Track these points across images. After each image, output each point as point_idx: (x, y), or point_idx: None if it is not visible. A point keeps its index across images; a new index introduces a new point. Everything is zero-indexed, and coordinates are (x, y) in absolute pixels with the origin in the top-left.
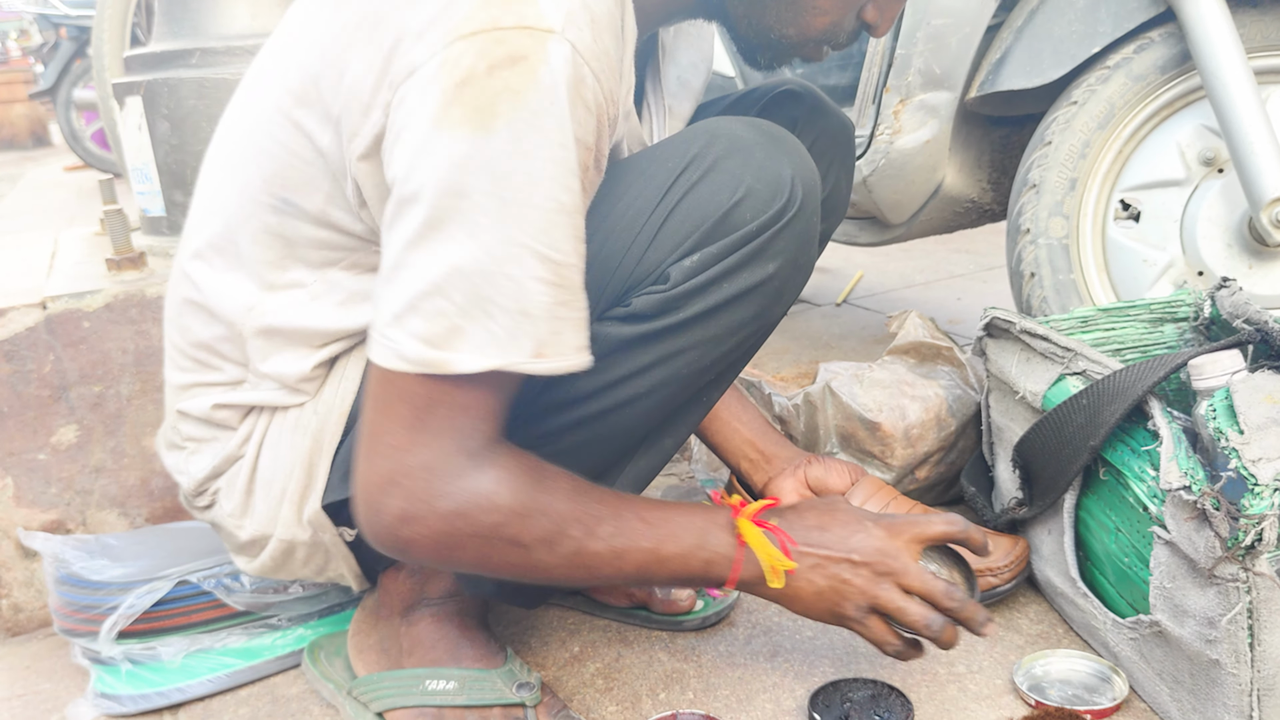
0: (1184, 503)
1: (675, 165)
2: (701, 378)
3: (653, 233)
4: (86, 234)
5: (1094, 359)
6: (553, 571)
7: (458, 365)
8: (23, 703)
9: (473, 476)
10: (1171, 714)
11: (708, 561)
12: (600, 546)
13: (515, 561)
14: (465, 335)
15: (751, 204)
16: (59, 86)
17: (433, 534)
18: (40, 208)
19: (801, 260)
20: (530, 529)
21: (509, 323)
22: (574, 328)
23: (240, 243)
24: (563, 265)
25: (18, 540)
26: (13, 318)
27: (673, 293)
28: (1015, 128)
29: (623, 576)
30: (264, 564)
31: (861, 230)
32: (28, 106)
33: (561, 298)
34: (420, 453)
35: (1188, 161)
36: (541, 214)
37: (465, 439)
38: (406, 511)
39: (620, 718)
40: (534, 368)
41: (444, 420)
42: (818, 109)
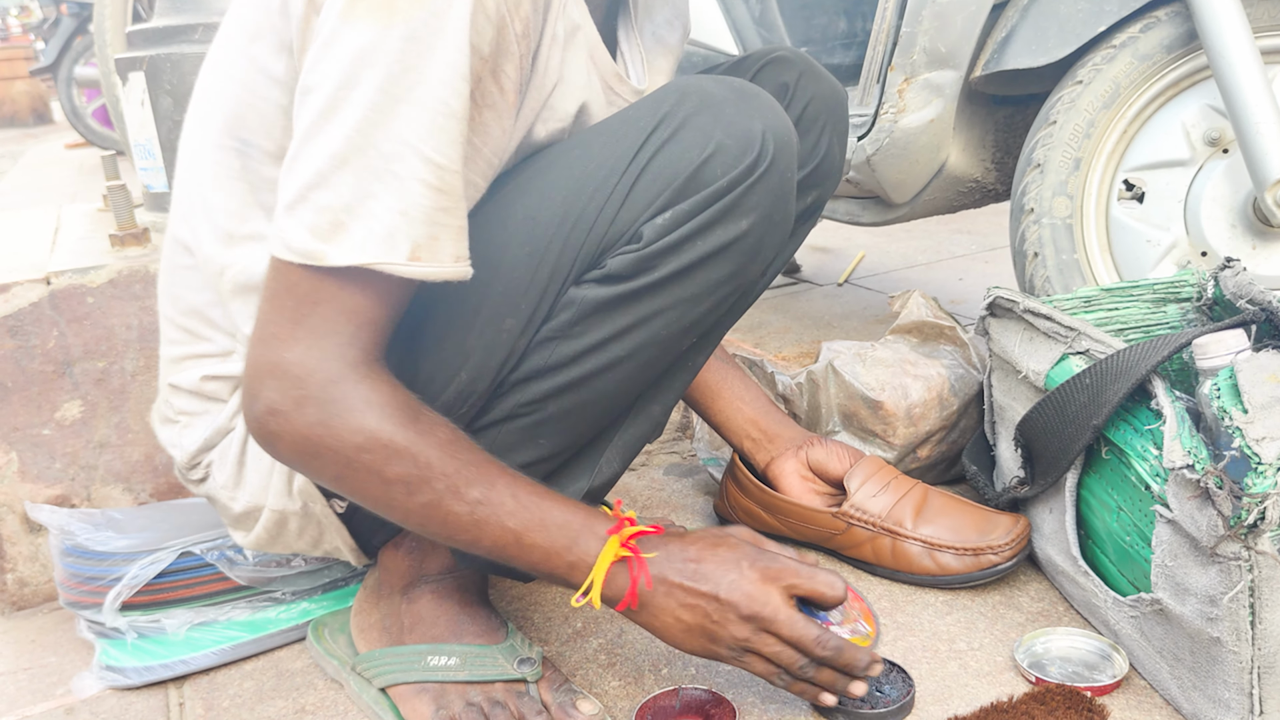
0: (1187, 481)
1: (646, 124)
2: (682, 340)
3: (625, 192)
4: (89, 210)
5: (1097, 338)
6: (408, 517)
7: (333, 258)
8: (28, 676)
9: (344, 388)
10: (1171, 691)
11: (572, 565)
12: (460, 509)
13: (372, 493)
14: (346, 230)
15: (722, 160)
16: (60, 63)
17: (296, 434)
18: (42, 185)
19: (777, 216)
20: (393, 464)
21: (389, 221)
22: (453, 236)
23: (206, 193)
24: (446, 170)
25: (23, 515)
26: (16, 293)
27: (646, 251)
28: (1019, 107)
29: (478, 548)
30: (259, 537)
31: (864, 210)
32: (29, 83)
33: (442, 203)
34: (297, 349)
35: (1192, 141)
36: (430, 115)
37: (344, 345)
38: (275, 405)
39: (623, 693)
40: (408, 270)
41: (325, 320)
42: (809, 74)
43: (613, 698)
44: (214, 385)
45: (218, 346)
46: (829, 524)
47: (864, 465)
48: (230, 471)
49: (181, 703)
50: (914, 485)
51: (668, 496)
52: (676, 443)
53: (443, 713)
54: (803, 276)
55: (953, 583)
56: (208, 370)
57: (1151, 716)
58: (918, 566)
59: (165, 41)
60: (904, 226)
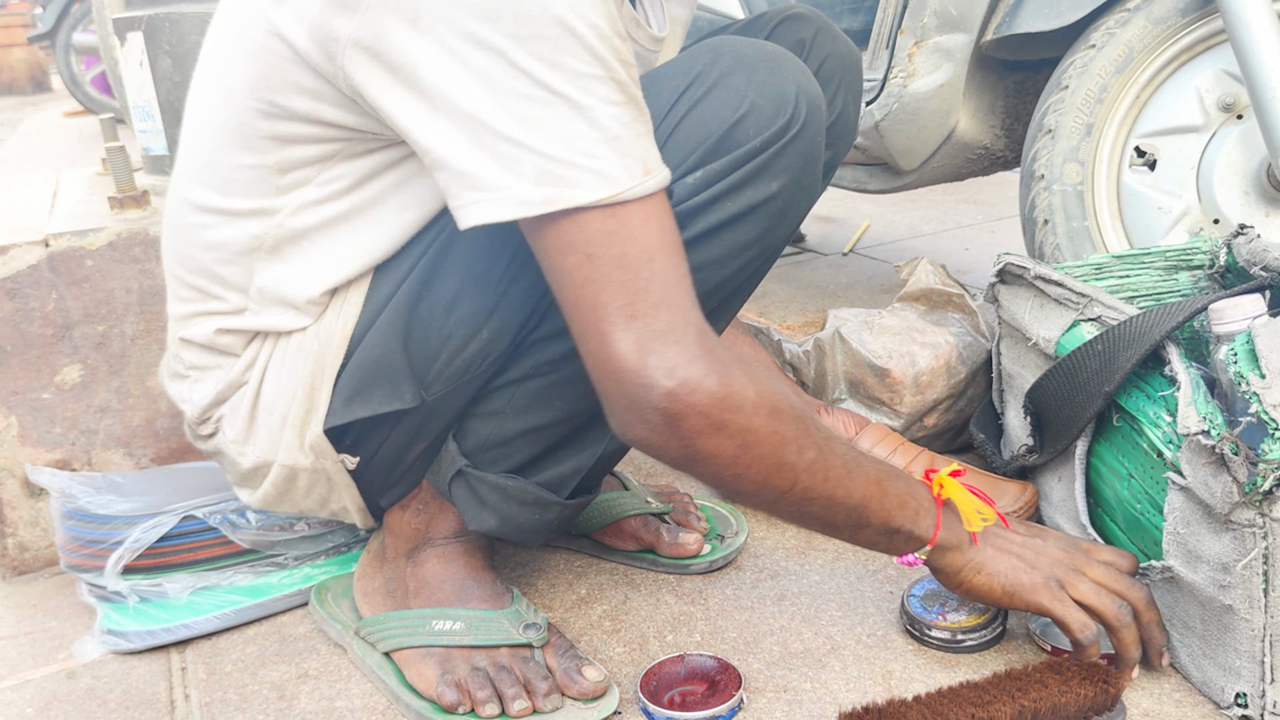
0: (1202, 447)
1: (679, 83)
2: (707, 303)
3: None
4: (88, 174)
5: (1109, 304)
6: (797, 479)
7: (578, 198)
8: (30, 640)
9: (713, 342)
10: (1181, 659)
11: (917, 512)
12: (836, 460)
13: (771, 457)
14: (573, 181)
15: (755, 120)
16: (58, 30)
17: (703, 406)
18: (40, 152)
19: (805, 180)
20: (785, 417)
21: (608, 151)
22: (654, 141)
23: (235, 155)
24: (624, 84)
25: (23, 479)
26: (15, 255)
27: (676, 210)
28: (1030, 73)
29: (844, 507)
30: (266, 493)
31: (872, 177)
32: (26, 51)
33: (635, 113)
34: (662, 315)
35: (1206, 107)
36: (586, 43)
37: (689, 290)
38: (676, 382)
39: (628, 659)
40: (649, 185)
41: (664, 271)
42: (824, 32)
43: (617, 664)
44: (228, 339)
45: (229, 305)
46: None
47: (869, 433)
48: (241, 426)
49: (184, 667)
50: (920, 453)
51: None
52: None
53: (448, 677)
54: (807, 246)
55: None
56: (222, 324)
57: (1160, 684)
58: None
59: (164, 0)
60: (909, 196)
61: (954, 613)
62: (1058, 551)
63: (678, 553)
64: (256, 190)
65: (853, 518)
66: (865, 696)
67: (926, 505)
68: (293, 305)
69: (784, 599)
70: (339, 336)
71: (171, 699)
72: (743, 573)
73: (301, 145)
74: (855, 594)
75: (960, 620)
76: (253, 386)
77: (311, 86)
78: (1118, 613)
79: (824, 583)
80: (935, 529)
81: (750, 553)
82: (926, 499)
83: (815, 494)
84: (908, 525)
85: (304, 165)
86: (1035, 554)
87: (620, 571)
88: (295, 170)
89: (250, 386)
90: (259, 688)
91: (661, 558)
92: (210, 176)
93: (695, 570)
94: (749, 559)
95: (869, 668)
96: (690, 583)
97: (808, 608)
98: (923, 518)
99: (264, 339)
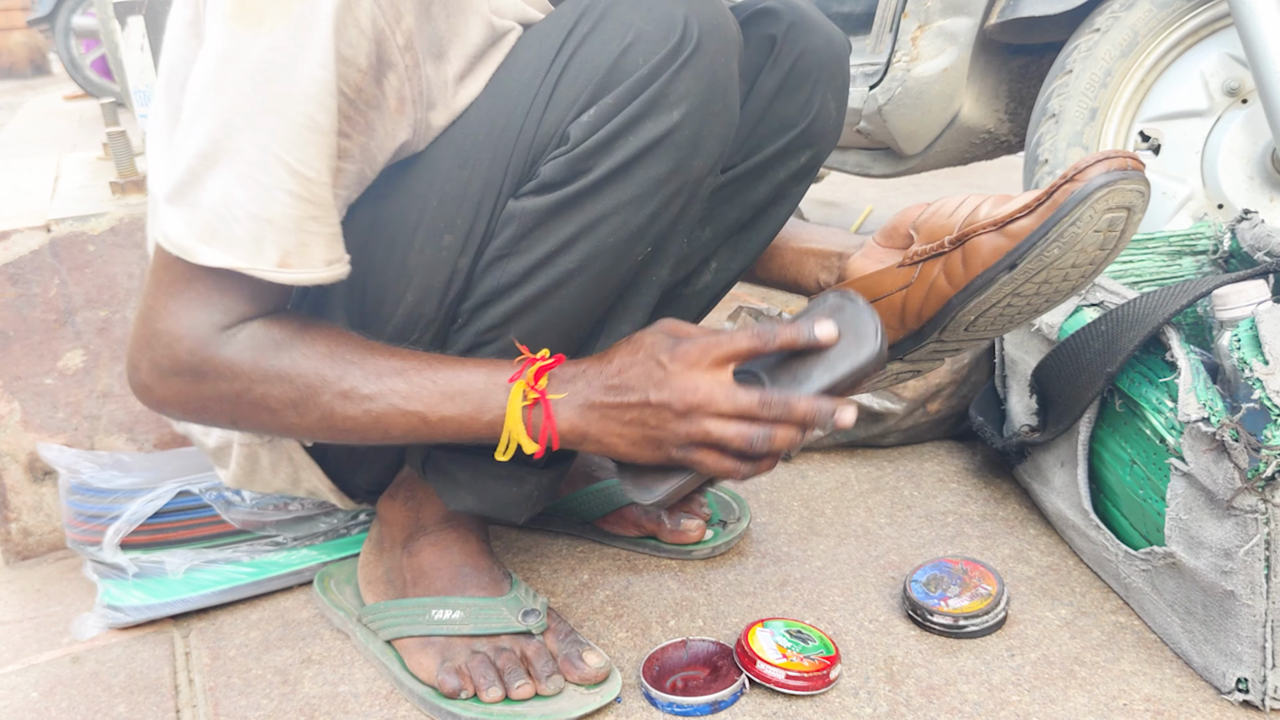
0: (1203, 434)
1: (567, 21)
2: (634, 247)
3: (548, 93)
4: (89, 158)
5: (1112, 289)
6: (313, 432)
7: (203, 258)
8: (33, 624)
9: (215, 348)
10: (1183, 645)
11: (491, 425)
12: (354, 411)
13: (269, 424)
14: (216, 232)
15: (642, 47)
16: (57, 13)
17: (178, 396)
18: (41, 136)
19: (714, 105)
20: (271, 394)
21: (254, 228)
22: (324, 242)
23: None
24: (312, 182)
25: (26, 465)
26: (17, 240)
27: (576, 152)
28: (1035, 56)
29: (393, 439)
30: (235, 474)
31: (875, 161)
32: (26, 34)
33: (310, 212)
34: (170, 320)
35: (1211, 92)
36: (294, 128)
37: (218, 316)
38: (153, 373)
39: (630, 644)
40: (277, 276)
41: (199, 295)
42: (799, 25)
43: (619, 649)
44: None
45: None
46: (896, 280)
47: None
48: None
49: (188, 652)
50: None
51: None
52: None
53: (448, 664)
54: None
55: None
56: None
57: (1162, 670)
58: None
59: None
60: (912, 181)
61: (956, 598)
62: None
63: (680, 539)
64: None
65: (411, 442)
66: (867, 682)
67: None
68: None
69: (786, 584)
70: None
71: (175, 683)
72: (745, 558)
73: None
74: (857, 579)
75: (962, 606)
76: None
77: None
78: (754, 445)
79: (826, 568)
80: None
81: (752, 538)
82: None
83: (343, 439)
84: (485, 436)
85: None
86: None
87: (622, 557)
88: None
89: None
90: (262, 672)
91: (664, 544)
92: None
93: (697, 556)
94: (751, 544)
95: (871, 653)
96: (693, 568)
97: (810, 593)
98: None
99: None
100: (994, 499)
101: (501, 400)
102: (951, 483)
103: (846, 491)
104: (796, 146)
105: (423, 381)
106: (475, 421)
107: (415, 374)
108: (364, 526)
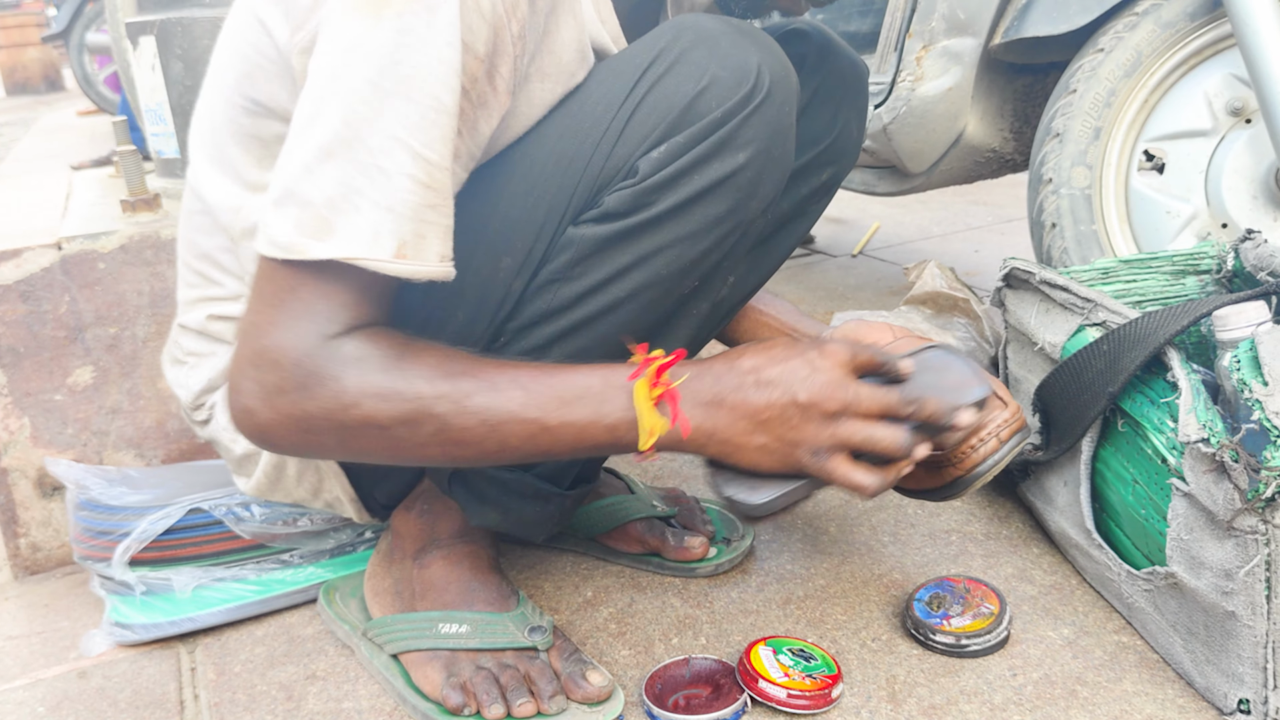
0: (1203, 455)
1: (642, 60)
2: (683, 281)
3: (620, 127)
4: (101, 175)
5: (1114, 310)
6: (425, 451)
7: (314, 251)
8: (41, 639)
9: (322, 360)
10: (1184, 665)
11: (612, 429)
12: (470, 421)
13: (379, 445)
14: (330, 225)
15: (716, 91)
16: (71, 30)
17: (284, 418)
18: (53, 152)
19: (775, 152)
20: (384, 409)
21: (374, 217)
22: (439, 234)
23: (223, 146)
24: (435, 166)
25: (35, 480)
26: (28, 258)
27: (642, 186)
28: (1039, 76)
29: (512, 452)
30: (259, 482)
31: (880, 179)
32: (40, 50)
33: (430, 199)
34: (276, 333)
35: (1215, 111)
36: (420, 110)
37: (323, 323)
38: (256, 394)
39: (633, 662)
40: (392, 268)
41: (302, 303)
42: (826, 48)
43: (622, 666)
44: (220, 325)
45: (228, 290)
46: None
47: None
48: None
49: (193, 668)
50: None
51: (677, 466)
52: None
53: (453, 680)
54: (817, 248)
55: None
56: (215, 310)
57: (1164, 691)
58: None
59: (176, 5)
60: (919, 197)
61: (959, 617)
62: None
63: (683, 556)
64: (240, 182)
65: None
66: (869, 701)
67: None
68: None
69: (789, 603)
70: None
71: (181, 699)
72: (748, 576)
73: (277, 145)
74: (860, 598)
75: (965, 625)
76: None
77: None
78: (895, 446)
79: (829, 586)
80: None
81: (756, 556)
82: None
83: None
84: (607, 444)
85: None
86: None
87: (626, 574)
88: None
89: None
90: (267, 688)
91: (667, 561)
92: (211, 166)
93: (701, 574)
94: (754, 562)
95: (873, 672)
96: (696, 586)
97: (813, 611)
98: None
99: None
100: (997, 517)
101: (623, 402)
102: (955, 501)
103: (850, 509)
104: (819, 163)
105: (539, 388)
106: (595, 425)
107: (530, 381)
108: (370, 544)
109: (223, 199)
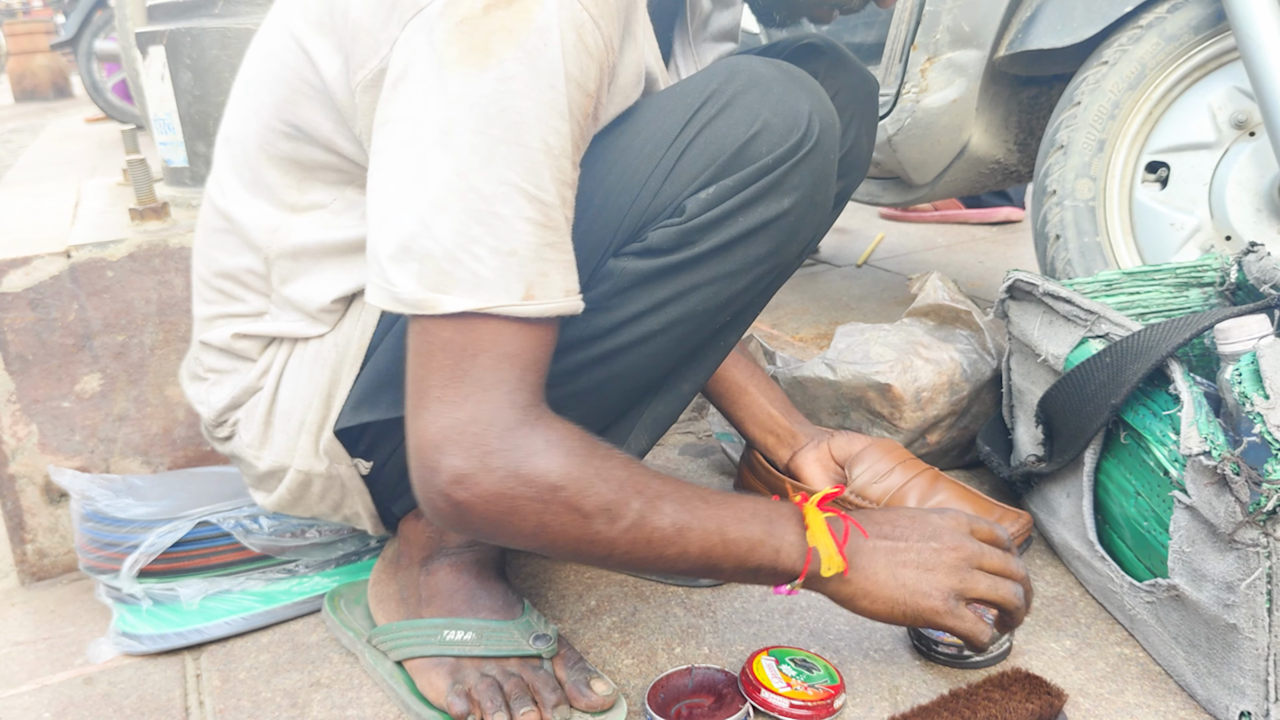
0: (1204, 467)
1: (694, 100)
2: (716, 317)
3: (670, 166)
4: (109, 184)
5: (1117, 322)
6: (614, 546)
7: (445, 306)
8: (47, 645)
9: (524, 433)
10: (1186, 678)
11: (777, 550)
12: (663, 521)
13: (574, 533)
14: (453, 278)
15: (768, 137)
16: (80, 37)
17: (488, 496)
18: (62, 159)
19: (818, 197)
20: (589, 495)
21: (498, 264)
22: (562, 270)
23: (259, 168)
24: (550, 206)
25: (43, 486)
26: (37, 266)
27: (688, 225)
28: (1044, 88)
29: (685, 560)
30: (281, 498)
31: (885, 190)
32: (49, 57)
33: (549, 239)
34: (468, 406)
35: (1219, 124)
36: (529, 154)
37: (512, 392)
38: (461, 470)
39: (636, 670)
40: (523, 310)
41: (489, 370)
42: (839, 63)
43: (625, 675)
44: (244, 344)
45: (250, 307)
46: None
47: (873, 449)
48: (257, 431)
49: (199, 674)
50: (924, 470)
51: (683, 476)
52: (692, 422)
53: (458, 687)
54: (821, 258)
55: None
56: (239, 329)
57: (1165, 703)
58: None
59: (185, 15)
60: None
61: None
62: (950, 553)
63: None
64: (278, 204)
65: (697, 567)
66: (872, 712)
67: (790, 541)
68: (307, 313)
69: (792, 613)
70: (356, 345)
71: (186, 705)
72: (751, 586)
73: (318, 170)
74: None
75: None
76: (268, 392)
77: (335, 117)
78: (1016, 601)
79: None
80: (805, 563)
81: None
82: (792, 534)
83: (640, 556)
84: (768, 565)
85: (320, 187)
86: (928, 563)
87: (629, 584)
88: (313, 192)
89: (266, 392)
90: (272, 695)
91: None
92: (239, 185)
93: (704, 584)
94: None
95: (876, 683)
96: (699, 595)
97: (815, 622)
98: (785, 557)
99: (279, 345)
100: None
101: (789, 526)
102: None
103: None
104: None
105: (715, 501)
106: (764, 545)
107: (706, 492)
108: (375, 553)
109: (257, 219)
